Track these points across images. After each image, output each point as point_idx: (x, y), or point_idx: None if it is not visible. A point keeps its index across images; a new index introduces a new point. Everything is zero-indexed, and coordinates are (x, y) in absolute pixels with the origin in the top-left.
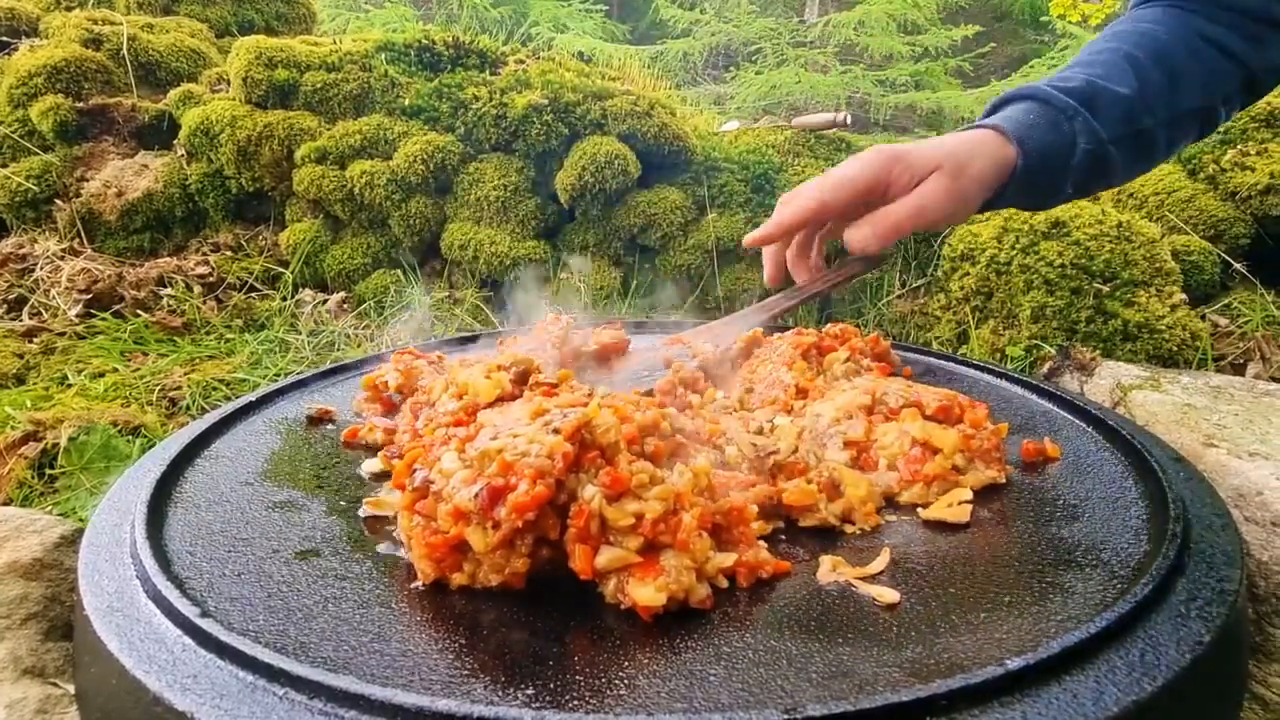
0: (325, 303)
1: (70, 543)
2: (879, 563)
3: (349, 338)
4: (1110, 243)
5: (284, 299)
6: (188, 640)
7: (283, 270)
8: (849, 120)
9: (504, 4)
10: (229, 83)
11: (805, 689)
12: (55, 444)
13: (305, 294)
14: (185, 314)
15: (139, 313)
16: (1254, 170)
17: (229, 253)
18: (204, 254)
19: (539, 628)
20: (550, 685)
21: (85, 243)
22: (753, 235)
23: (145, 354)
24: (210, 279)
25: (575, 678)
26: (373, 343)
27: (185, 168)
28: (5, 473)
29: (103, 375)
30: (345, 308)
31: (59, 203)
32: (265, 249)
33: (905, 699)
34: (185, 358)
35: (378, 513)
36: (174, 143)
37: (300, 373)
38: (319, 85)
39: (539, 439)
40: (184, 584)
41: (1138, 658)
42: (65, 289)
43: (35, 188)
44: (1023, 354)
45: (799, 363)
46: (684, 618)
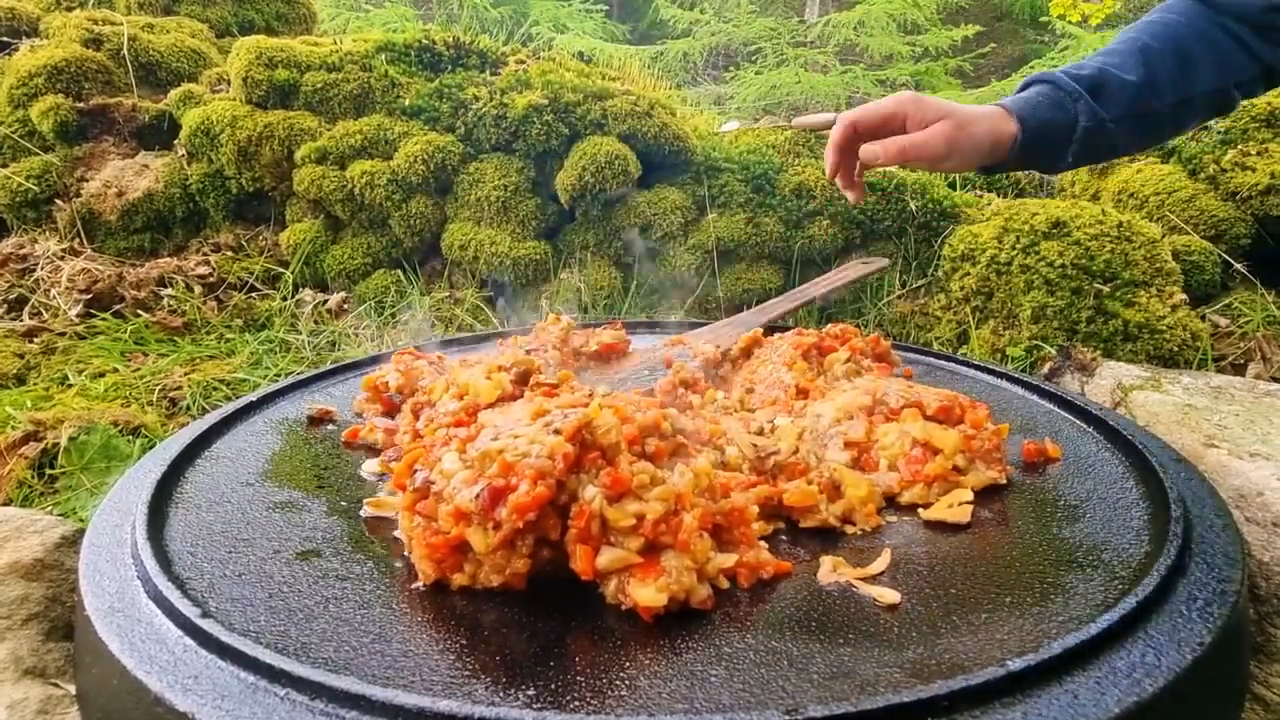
0: (326, 303)
1: (71, 543)
2: (880, 563)
3: (349, 338)
4: (1111, 243)
5: (284, 299)
6: (189, 641)
7: (283, 270)
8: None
9: (504, 4)
10: (229, 83)
11: (806, 690)
12: (56, 444)
13: (305, 294)
14: (186, 314)
15: (139, 313)
16: (1254, 170)
17: (229, 253)
18: (204, 254)
19: (540, 628)
20: (551, 686)
21: (85, 243)
22: (829, 172)
23: (145, 354)
24: (211, 279)
25: (576, 678)
26: (373, 343)
27: (186, 168)
28: (6, 473)
29: (103, 375)
30: (346, 308)
31: (59, 203)
32: (266, 249)
33: (906, 700)
34: (185, 358)
35: (379, 513)
36: (174, 143)
37: (301, 373)
38: (319, 85)
39: (540, 439)
40: (185, 584)
41: (1139, 658)
42: (65, 289)
43: (36, 188)
44: (1023, 354)
45: (799, 363)
46: (685, 618)
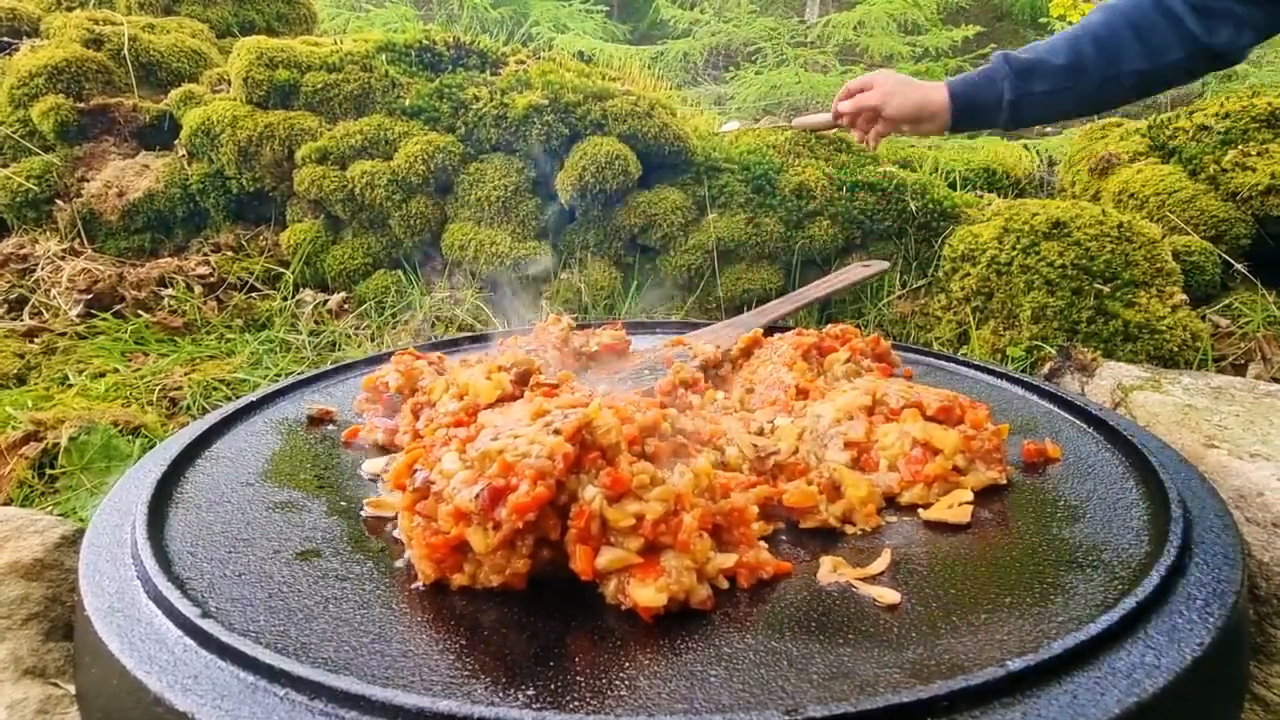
0: (326, 303)
1: (71, 543)
2: (880, 564)
3: (349, 338)
4: (1111, 243)
5: (285, 299)
6: (189, 641)
7: (283, 270)
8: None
9: (504, 4)
10: (230, 83)
11: (806, 690)
12: (56, 444)
13: (306, 294)
14: (186, 314)
15: (140, 313)
16: (1255, 171)
17: (230, 253)
18: (205, 254)
19: (539, 629)
20: (551, 686)
21: (86, 243)
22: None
23: (146, 354)
24: (211, 279)
25: (576, 679)
26: (373, 343)
27: (186, 168)
28: (6, 473)
29: (103, 375)
30: (346, 308)
31: (60, 203)
32: (266, 249)
33: (906, 700)
34: (186, 358)
35: (378, 513)
36: (175, 143)
37: (301, 373)
38: (320, 85)
39: (540, 440)
40: (185, 585)
41: (1139, 659)
42: (66, 289)
43: (36, 188)
44: (1023, 354)
45: (799, 363)
46: (685, 619)
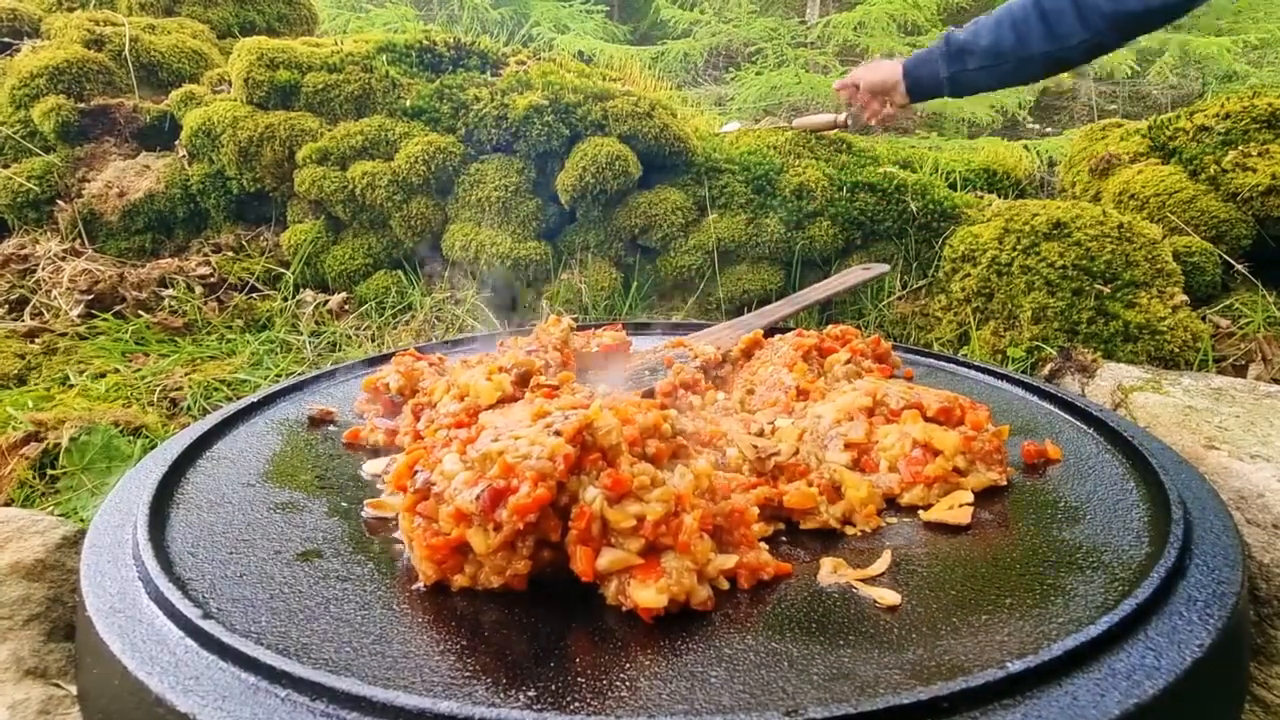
0: (326, 303)
1: (72, 544)
2: (880, 565)
3: (350, 338)
4: (1111, 244)
5: (285, 300)
6: (190, 642)
7: (284, 271)
8: (850, 121)
9: (505, 4)
10: (230, 84)
11: (806, 691)
12: (57, 444)
13: (306, 295)
14: (186, 314)
15: (140, 313)
16: (1255, 171)
17: (230, 253)
18: (205, 254)
19: (540, 630)
20: (552, 687)
21: (87, 243)
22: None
23: (146, 354)
24: (211, 279)
25: (577, 679)
26: (374, 343)
27: (187, 168)
28: (7, 473)
29: (104, 376)
30: (346, 308)
31: (60, 203)
32: (266, 250)
33: (906, 701)
34: (186, 358)
35: (379, 514)
36: (175, 143)
37: (301, 374)
38: (320, 86)
39: (540, 441)
40: (186, 585)
41: (1139, 660)
42: (67, 289)
43: (37, 188)
44: (1024, 355)
45: (800, 364)
46: (685, 619)
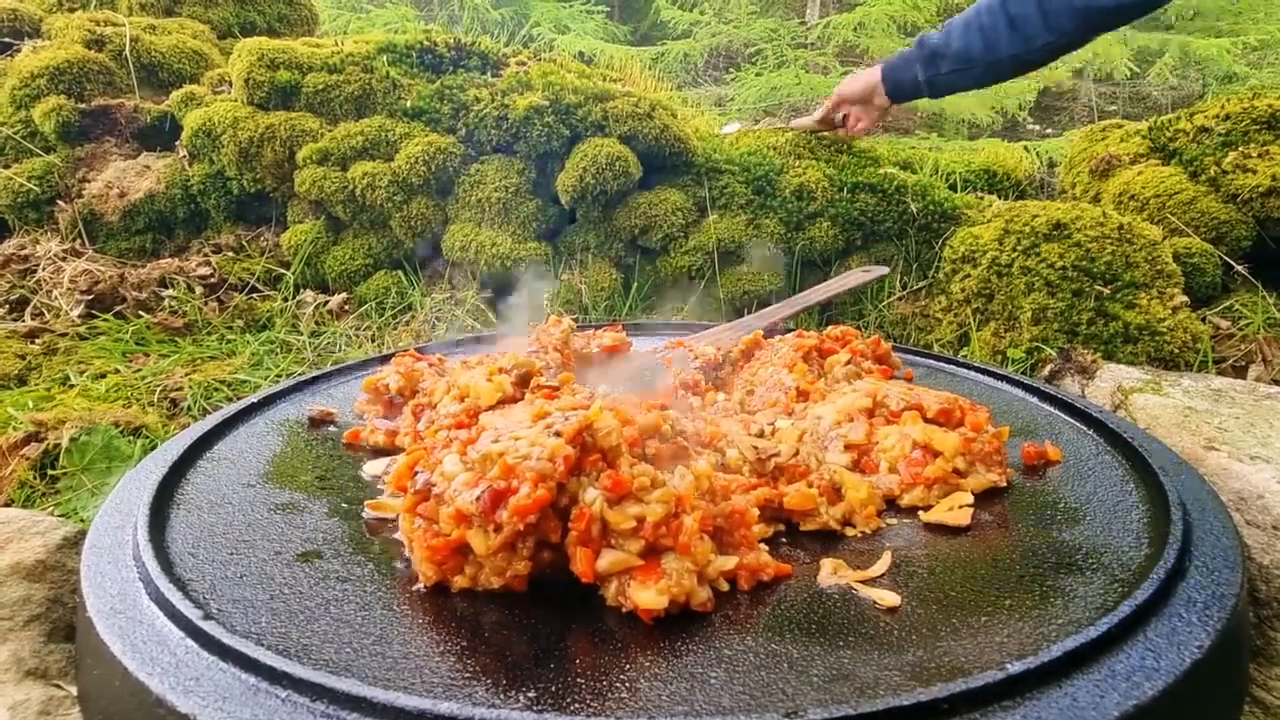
0: (327, 304)
1: (73, 544)
2: (880, 566)
3: (350, 339)
4: (1112, 245)
5: (285, 300)
6: (190, 643)
7: (284, 271)
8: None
9: (505, 5)
10: (231, 84)
11: (806, 692)
12: (57, 444)
13: (306, 295)
14: (187, 315)
15: (140, 313)
16: (1255, 173)
17: (230, 254)
18: (205, 255)
19: (540, 630)
20: (552, 688)
21: (87, 243)
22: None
23: (147, 355)
24: (212, 280)
25: (577, 680)
26: (374, 344)
27: (187, 169)
28: (7, 474)
29: (104, 376)
30: (346, 309)
31: (61, 204)
32: (267, 250)
33: (906, 702)
34: (187, 358)
35: (379, 515)
36: (176, 144)
37: (301, 374)
38: (321, 87)
39: (540, 442)
40: (186, 586)
41: (1138, 662)
42: (67, 290)
43: (37, 189)
44: (1024, 356)
45: (800, 365)
46: (685, 621)
